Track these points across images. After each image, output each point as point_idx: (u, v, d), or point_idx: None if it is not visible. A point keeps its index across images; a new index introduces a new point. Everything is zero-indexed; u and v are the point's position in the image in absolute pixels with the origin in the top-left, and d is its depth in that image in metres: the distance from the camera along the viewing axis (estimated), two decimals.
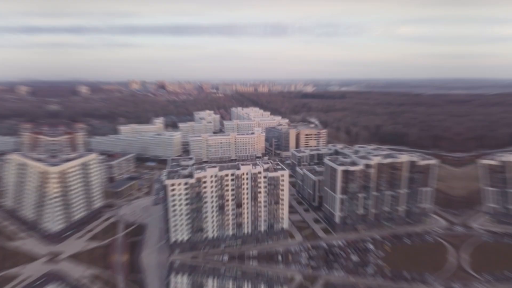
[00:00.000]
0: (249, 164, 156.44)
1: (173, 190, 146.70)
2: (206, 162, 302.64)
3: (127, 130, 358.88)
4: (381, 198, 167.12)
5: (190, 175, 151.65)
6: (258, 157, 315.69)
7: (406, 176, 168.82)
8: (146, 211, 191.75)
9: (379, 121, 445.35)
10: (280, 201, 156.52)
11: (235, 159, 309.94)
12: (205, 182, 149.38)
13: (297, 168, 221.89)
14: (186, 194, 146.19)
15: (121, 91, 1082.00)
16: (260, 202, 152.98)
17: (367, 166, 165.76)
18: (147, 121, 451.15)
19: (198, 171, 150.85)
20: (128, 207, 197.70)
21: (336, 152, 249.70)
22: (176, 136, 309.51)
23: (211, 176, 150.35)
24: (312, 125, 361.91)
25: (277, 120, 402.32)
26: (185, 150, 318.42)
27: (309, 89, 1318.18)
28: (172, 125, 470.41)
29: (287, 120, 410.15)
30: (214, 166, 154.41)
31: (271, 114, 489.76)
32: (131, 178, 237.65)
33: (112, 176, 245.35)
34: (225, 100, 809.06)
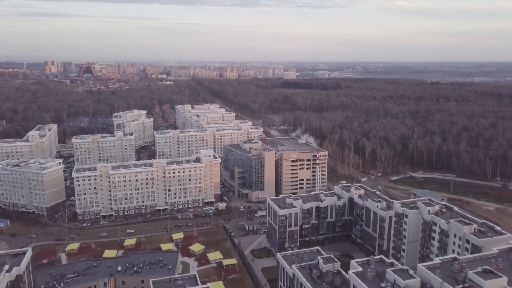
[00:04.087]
0: None
1: None
2: (107, 218, 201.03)
3: None
4: None
5: None
6: (208, 203, 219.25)
7: None
8: None
9: (401, 127, 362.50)
10: None
11: (165, 210, 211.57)
12: None
13: (279, 257, 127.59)
14: None
15: (27, 76, 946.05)
16: None
17: None
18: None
19: None
20: None
21: (351, 203, 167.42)
22: (53, 169, 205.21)
23: None
24: (302, 140, 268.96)
25: (245, 130, 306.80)
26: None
27: (292, 75, 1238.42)
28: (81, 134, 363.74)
29: (261, 130, 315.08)
30: None
31: (237, 116, 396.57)
32: None
33: None
34: (174, 91, 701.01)
